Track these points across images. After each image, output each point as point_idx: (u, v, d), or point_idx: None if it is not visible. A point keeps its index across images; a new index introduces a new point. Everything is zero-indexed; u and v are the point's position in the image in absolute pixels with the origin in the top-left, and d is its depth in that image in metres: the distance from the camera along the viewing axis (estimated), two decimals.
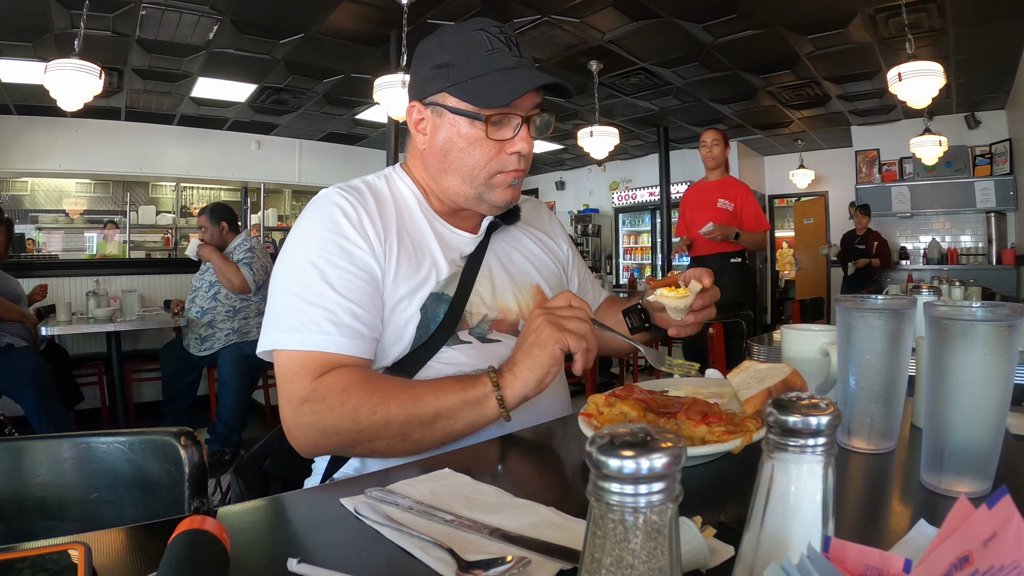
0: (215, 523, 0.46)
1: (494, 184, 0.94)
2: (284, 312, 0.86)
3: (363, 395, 0.79)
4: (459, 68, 0.89)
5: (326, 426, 0.80)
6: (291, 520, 0.63)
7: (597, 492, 0.29)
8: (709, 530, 0.50)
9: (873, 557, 0.32)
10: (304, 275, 0.87)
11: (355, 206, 0.91)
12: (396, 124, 4.66)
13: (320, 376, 0.82)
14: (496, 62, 0.89)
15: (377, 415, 0.78)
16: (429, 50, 0.93)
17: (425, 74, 0.93)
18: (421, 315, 0.91)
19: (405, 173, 1.02)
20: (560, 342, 0.79)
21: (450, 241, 0.99)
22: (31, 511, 0.78)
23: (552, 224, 1.20)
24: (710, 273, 0.92)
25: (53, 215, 6.96)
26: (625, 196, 9.01)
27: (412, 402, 0.79)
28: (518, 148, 0.92)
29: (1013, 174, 6.00)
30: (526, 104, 0.91)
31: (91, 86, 3.28)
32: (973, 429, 0.59)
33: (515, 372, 0.80)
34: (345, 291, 0.86)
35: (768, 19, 4.18)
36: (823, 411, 0.36)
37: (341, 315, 0.84)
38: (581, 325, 0.81)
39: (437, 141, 0.94)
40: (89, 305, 3.60)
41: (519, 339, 0.84)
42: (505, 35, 0.91)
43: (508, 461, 0.81)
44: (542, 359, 0.79)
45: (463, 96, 0.90)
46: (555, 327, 0.80)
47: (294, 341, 0.84)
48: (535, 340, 0.80)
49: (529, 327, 0.83)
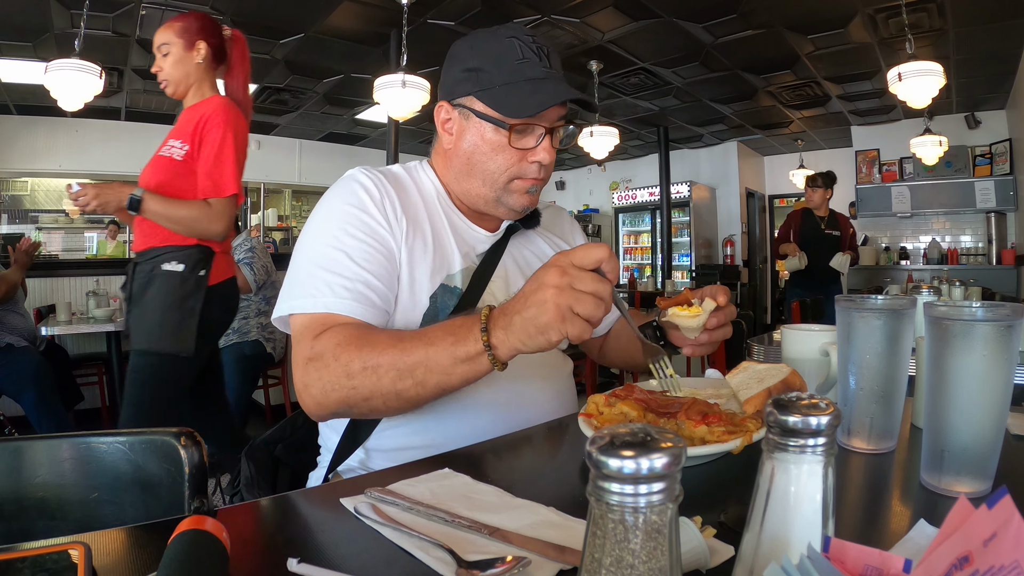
0: (215, 523, 0.46)
1: (512, 189, 0.95)
2: (302, 279, 0.87)
3: (354, 350, 0.78)
4: (488, 74, 0.90)
5: (325, 384, 0.79)
6: (291, 520, 0.63)
7: (597, 492, 0.29)
8: (709, 530, 0.50)
9: (873, 557, 0.32)
10: (323, 245, 0.88)
11: (378, 185, 0.93)
12: (396, 124, 4.66)
13: (319, 334, 0.82)
14: (526, 71, 0.90)
15: (368, 370, 0.77)
16: (461, 53, 0.94)
17: (455, 76, 0.94)
18: (430, 304, 0.92)
19: (430, 167, 1.03)
20: (565, 305, 0.67)
21: (466, 236, 1.00)
22: (31, 511, 0.78)
23: (573, 231, 1.21)
24: (726, 291, 0.88)
25: (53, 215, 6.96)
26: (625, 196, 9.01)
27: (401, 356, 0.76)
28: (539, 158, 0.93)
29: (1013, 174, 6.00)
30: (551, 115, 0.91)
31: (91, 86, 3.28)
32: (973, 429, 0.59)
33: (508, 331, 0.71)
34: (362, 261, 0.87)
35: (768, 19, 4.19)
36: (823, 411, 0.36)
37: (356, 282, 0.85)
38: (598, 287, 0.67)
39: (462, 144, 0.95)
40: (89, 305, 3.60)
41: (524, 286, 0.72)
42: (537, 44, 0.92)
43: (508, 461, 0.81)
44: (540, 319, 0.68)
45: (490, 102, 0.90)
46: (565, 287, 0.67)
47: (307, 305, 0.85)
48: (536, 298, 0.68)
49: (537, 277, 0.70)
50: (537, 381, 0.98)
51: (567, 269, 0.68)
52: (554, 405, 1.00)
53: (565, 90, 0.90)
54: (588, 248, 0.70)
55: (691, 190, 8.13)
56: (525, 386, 0.96)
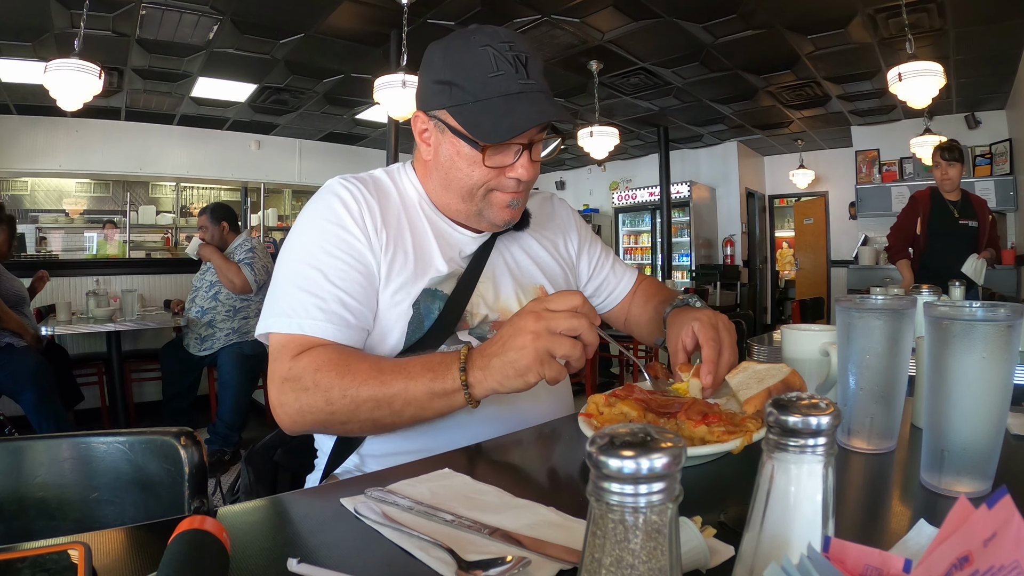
0: (215, 523, 0.46)
1: (492, 202, 0.94)
2: (280, 298, 0.88)
3: (335, 377, 0.79)
4: (461, 89, 0.87)
5: (302, 405, 0.80)
6: (291, 520, 0.63)
7: (597, 492, 0.29)
8: (709, 530, 0.50)
9: (873, 557, 0.32)
10: (300, 263, 0.89)
11: (356, 197, 0.92)
12: (396, 124, 4.66)
13: (298, 355, 0.83)
14: (499, 87, 0.85)
15: (347, 399, 0.78)
16: (433, 61, 0.91)
17: (429, 86, 0.91)
18: (413, 311, 0.92)
19: (413, 172, 1.02)
20: (543, 349, 0.70)
21: (450, 239, 0.99)
22: (31, 511, 0.78)
23: (568, 222, 1.16)
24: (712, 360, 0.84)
25: (53, 215, 6.96)
26: (625, 196, 9.01)
27: (381, 388, 0.78)
28: (516, 175, 0.91)
29: (1013, 174, 6.00)
30: (529, 131, 0.88)
31: (91, 86, 3.28)
32: (973, 429, 0.59)
33: (486, 372, 0.74)
34: (338, 280, 0.87)
35: (768, 19, 4.18)
36: (823, 411, 0.36)
37: (330, 302, 0.86)
38: (574, 324, 0.71)
39: (440, 157, 0.93)
40: (89, 305, 3.60)
41: (501, 331, 0.76)
42: (514, 52, 0.87)
43: (508, 461, 0.81)
44: (519, 363, 0.71)
45: (462, 122, 0.88)
46: (542, 332, 0.71)
47: (283, 324, 0.86)
48: (516, 343, 0.72)
49: (513, 323, 0.74)
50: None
51: (542, 314, 0.72)
52: (550, 406, 1.00)
53: (538, 112, 0.85)
54: (563, 295, 0.74)
55: (691, 190, 8.12)
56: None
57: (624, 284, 1.21)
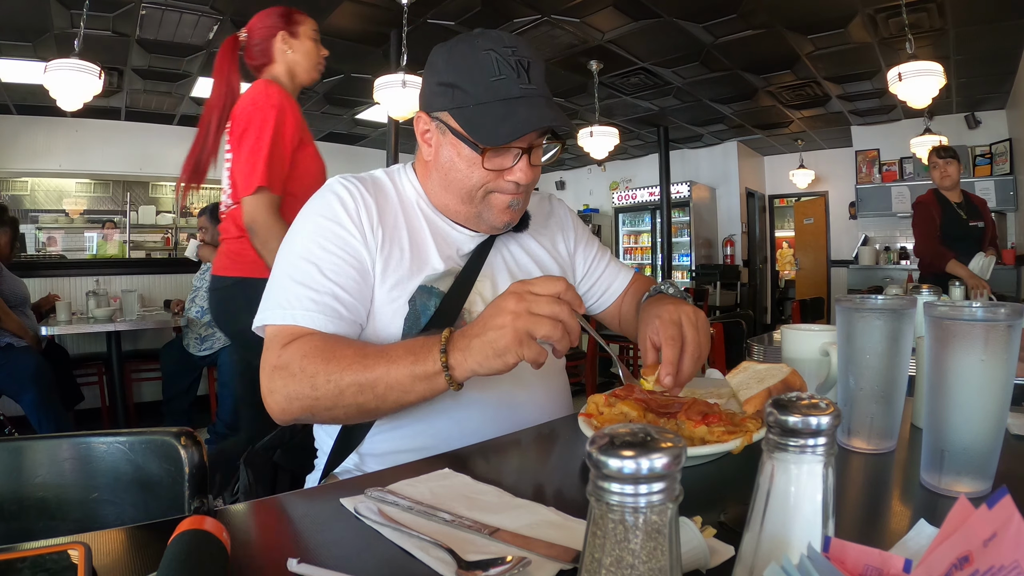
0: (215, 523, 0.46)
1: (491, 203, 0.94)
2: (276, 290, 0.89)
3: (320, 363, 0.80)
4: (463, 92, 0.88)
5: (290, 392, 0.81)
6: (291, 520, 0.63)
7: (597, 492, 0.29)
8: (709, 530, 0.50)
9: (873, 557, 0.32)
10: (296, 257, 0.90)
11: (353, 195, 0.93)
12: (396, 124, 4.66)
13: (287, 344, 0.84)
14: (500, 91, 0.87)
15: (331, 384, 0.79)
16: (437, 64, 0.92)
17: (432, 88, 0.93)
18: (410, 307, 0.92)
19: (413, 173, 1.03)
20: (523, 329, 0.70)
21: (448, 237, 0.99)
22: (31, 511, 0.78)
23: (565, 223, 1.17)
24: (671, 362, 0.80)
25: (53, 215, 6.96)
26: (625, 196, 9.01)
27: (363, 372, 0.78)
28: (515, 178, 0.92)
29: (1013, 174, 6.00)
30: (528, 135, 0.89)
31: (91, 86, 3.28)
32: (973, 429, 0.59)
33: (467, 352, 0.73)
34: (332, 274, 0.88)
35: (768, 19, 4.19)
36: (823, 411, 0.36)
37: (323, 295, 0.87)
38: (555, 309, 0.71)
39: (440, 158, 0.94)
40: (89, 305, 3.60)
41: (483, 312, 0.76)
42: (517, 57, 0.88)
43: (508, 461, 0.81)
44: (499, 343, 0.71)
45: (463, 124, 0.89)
46: (522, 312, 0.71)
47: (277, 316, 0.87)
48: (495, 323, 0.72)
49: (495, 303, 0.74)
50: (530, 380, 0.97)
51: (524, 295, 0.72)
52: (548, 406, 1.00)
53: (538, 117, 0.87)
54: (547, 280, 0.73)
55: (691, 190, 8.12)
56: (518, 387, 0.95)
57: (618, 284, 1.20)
